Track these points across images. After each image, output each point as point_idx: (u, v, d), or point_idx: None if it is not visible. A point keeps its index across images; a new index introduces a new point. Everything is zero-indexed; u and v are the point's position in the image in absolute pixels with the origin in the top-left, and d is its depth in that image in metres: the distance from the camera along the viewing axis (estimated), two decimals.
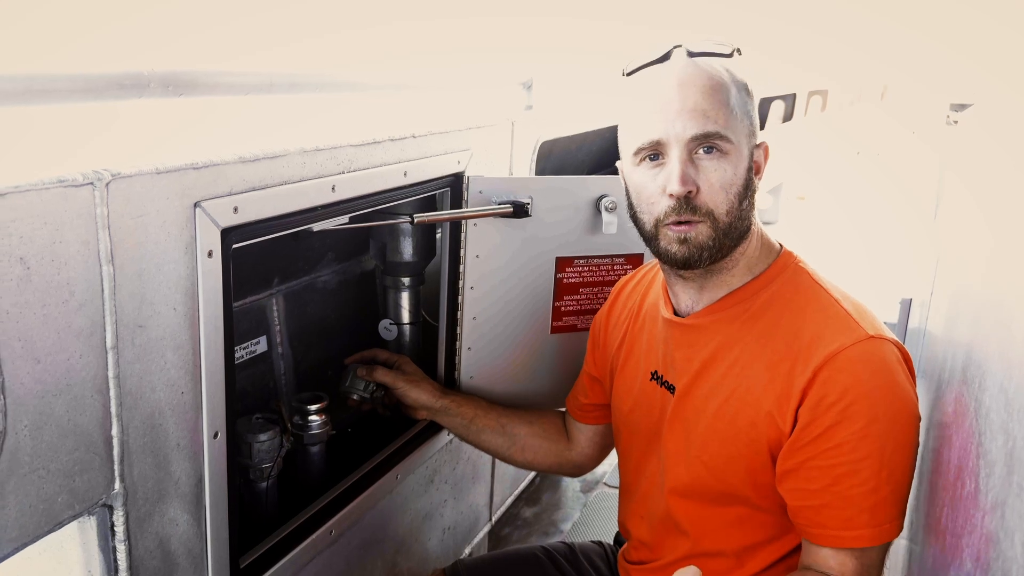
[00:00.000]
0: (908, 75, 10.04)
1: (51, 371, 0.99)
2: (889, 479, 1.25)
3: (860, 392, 1.24)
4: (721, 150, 1.28)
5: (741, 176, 1.31)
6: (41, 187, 0.94)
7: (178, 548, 1.25)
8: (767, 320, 1.36)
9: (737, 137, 1.30)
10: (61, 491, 1.03)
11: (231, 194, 1.21)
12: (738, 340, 1.37)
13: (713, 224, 1.29)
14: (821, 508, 1.29)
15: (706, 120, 1.27)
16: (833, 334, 1.28)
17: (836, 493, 1.27)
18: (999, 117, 1.78)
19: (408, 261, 1.99)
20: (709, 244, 1.30)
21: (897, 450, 1.25)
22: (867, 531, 1.26)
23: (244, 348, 1.87)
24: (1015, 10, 1.92)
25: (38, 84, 1.03)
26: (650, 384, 1.52)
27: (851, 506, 1.26)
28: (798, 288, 1.37)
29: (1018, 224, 1.18)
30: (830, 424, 1.25)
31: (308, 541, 1.56)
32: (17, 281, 0.93)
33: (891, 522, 1.27)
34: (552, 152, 2.38)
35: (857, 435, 1.24)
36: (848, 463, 1.25)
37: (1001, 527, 0.79)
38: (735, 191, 1.30)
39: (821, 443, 1.26)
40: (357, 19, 1.66)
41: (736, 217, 1.31)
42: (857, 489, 1.25)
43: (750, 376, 1.34)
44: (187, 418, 1.22)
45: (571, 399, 1.82)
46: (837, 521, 1.28)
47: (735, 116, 1.30)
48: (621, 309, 1.67)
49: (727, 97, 1.30)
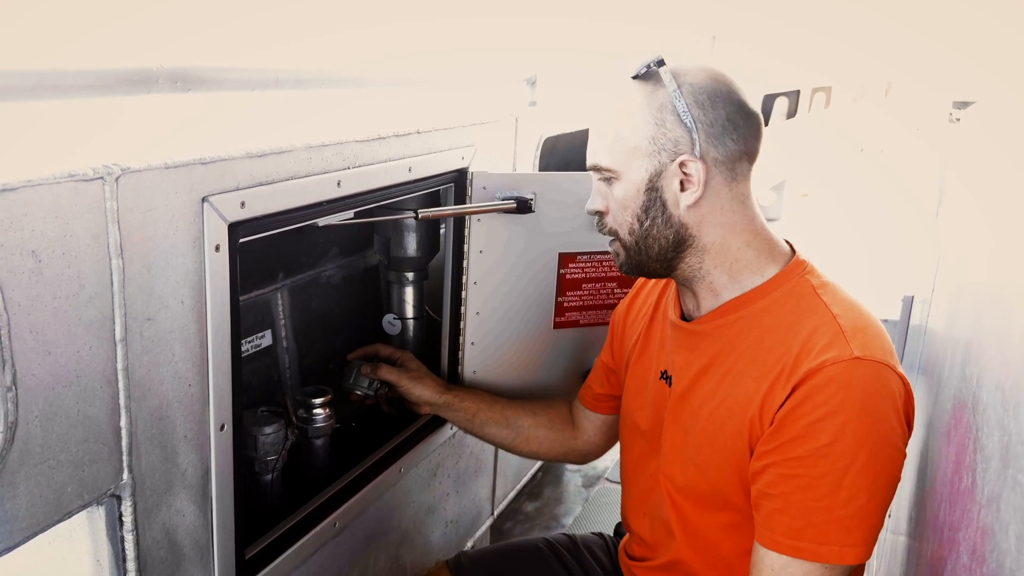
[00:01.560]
0: (910, 73, 10.03)
1: (61, 363, 1.01)
2: (847, 502, 1.22)
3: (829, 410, 1.22)
4: (609, 179, 1.40)
5: (633, 197, 1.37)
6: (52, 181, 0.96)
7: (185, 538, 1.26)
8: (762, 330, 1.36)
9: (623, 163, 1.37)
10: (71, 481, 1.05)
11: (238, 189, 1.22)
12: (734, 348, 1.38)
13: (621, 243, 1.43)
14: (773, 512, 1.28)
15: (592, 155, 1.42)
16: (820, 350, 1.26)
17: (791, 502, 1.25)
18: (1000, 115, 1.79)
19: (412, 256, 2.00)
20: (625, 260, 1.44)
21: (862, 475, 1.22)
22: (812, 546, 1.24)
23: (249, 342, 1.88)
24: (1016, 9, 1.93)
25: (48, 80, 1.05)
26: (659, 383, 1.53)
27: (801, 517, 1.25)
28: (799, 300, 1.36)
29: (1018, 223, 1.19)
30: (794, 435, 1.25)
31: (312, 533, 1.57)
32: (29, 274, 0.95)
33: (843, 546, 1.23)
34: (556, 148, 2.39)
35: (818, 452, 1.22)
36: (806, 476, 1.24)
37: (996, 520, 0.80)
38: (630, 212, 1.38)
39: (784, 451, 1.26)
40: (364, 17, 1.68)
41: (639, 236, 1.39)
42: (812, 503, 1.24)
43: (740, 385, 1.35)
44: (194, 410, 1.23)
45: (587, 387, 1.83)
46: (783, 527, 1.26)
47: (622, 143, 1.36)
48: (641, 304, 1.68)
49: (613, 126, 1.38)
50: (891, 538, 2.13)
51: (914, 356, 2.64)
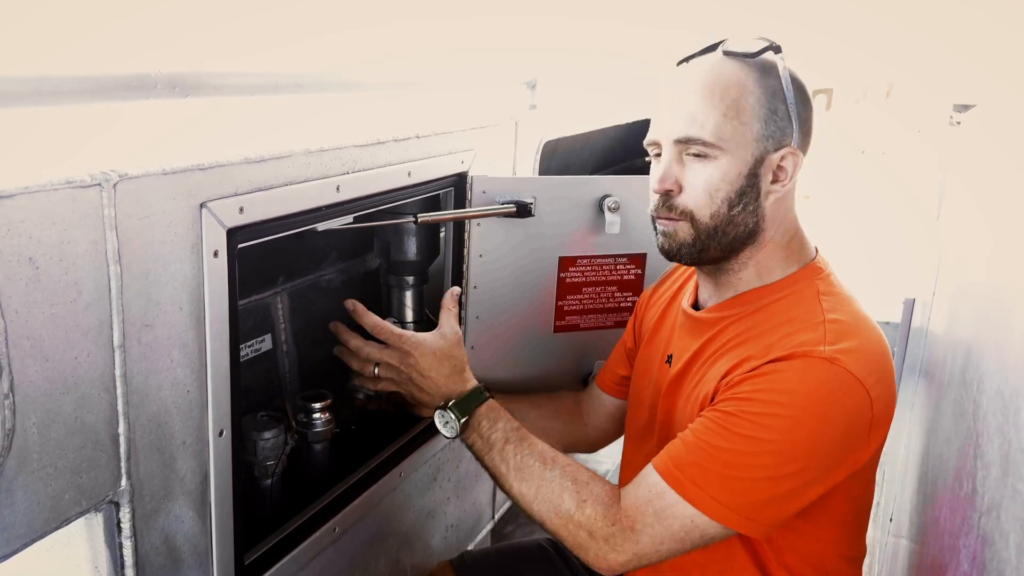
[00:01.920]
0: (911, 75, 10.02)
1: (59, 369, 1.00)
2: (744, 468, 1.22)
3: (777, 389, 1.24)
4: (705, 155, 1.32)
5: (732, 181, 1.32)
6: (49, 188, 0.95)
7: (183, 544, 1.26)
8: (753, 322, 1.37)
9: (732, 142, 1.31)
10: (68, 488, 1.05)
11: (237, 194, 1.22)
12: (723, 336, 1.40)
13: (693, 225, 1.35)
14: (678, 441, 1.30)
15: (691, 124, 1.31)
16: (796, 344, 1.27)
17: (695, 440, 1.27)
18: (1002, 118, 1.79)
19: (412, 260, 2.00)
20: (688, 242, 1.37)
21: (774, 457, 1.22)
22: (684, 480, 1.24)
23: (249, 346, 1.88)
24: (1018, 11, 1.93)
25: (46, 85, 1.05)
26: (664, 367, 1.55)
27: (693, 454, 1.25)
28: (798, 302, 1.37)
29: (1018, 226, 1.18)
30: (735, 395, 1.27)
31: (312, 538, 1.57)
32: (26, 281, 0.95)
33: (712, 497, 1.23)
34: (556, 151, 2.39)
35: (747, 415, 1.23)
36: (724, 429, 1.25)
37: (996, 528, 0.80)
38: (721, 196, 1.33)
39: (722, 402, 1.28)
40: (362, 19, 1.68)
41: (724, 221, 1.34)
42: (712, 451, 1.24)
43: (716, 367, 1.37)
44: (193, 416, 1.23)
45: (606, 371, 1.84)
46: (673, 453, 1.28)
47: (737, 120, 1.31)
48: (665, 291, 1.70)
49: (733, 100, 1.31)
50: (892, 540, 2.13)
51: (915, 359, 2.64)
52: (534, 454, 1.39)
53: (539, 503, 1.35)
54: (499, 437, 1.43)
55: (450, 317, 1.59)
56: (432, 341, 1.55)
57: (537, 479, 1.36)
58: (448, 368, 1.52)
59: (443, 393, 1.50)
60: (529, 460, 1.38)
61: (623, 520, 1.29)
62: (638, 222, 1.92)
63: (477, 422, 1.46)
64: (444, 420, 1.48)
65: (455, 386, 1.50)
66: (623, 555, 1.29)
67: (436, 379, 1.51)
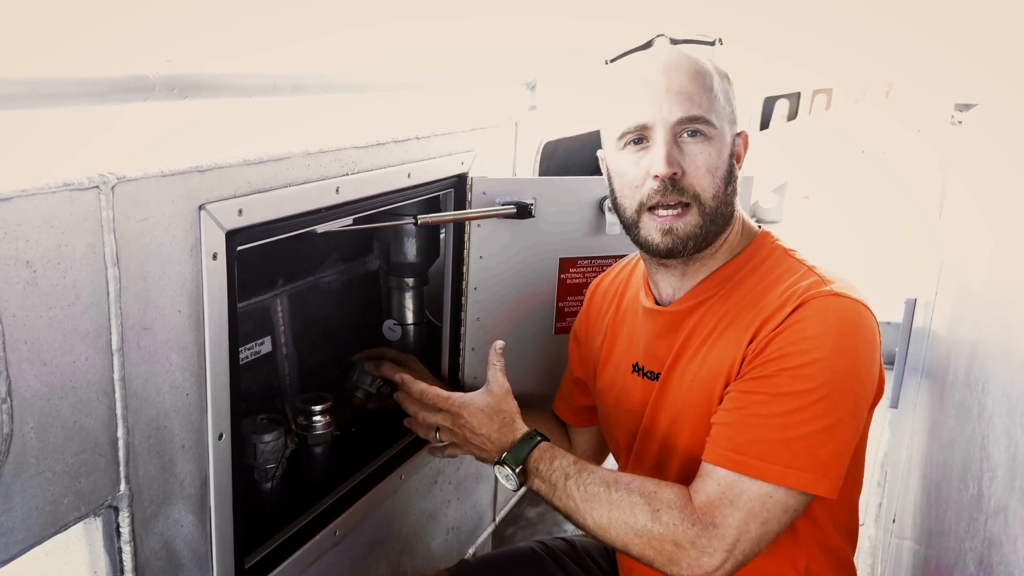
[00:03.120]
0: (912, 75, 10.02)
1: (57, 373, 1.00)
2: (802, 424, 1.21)
3: (804, 335, 1.24)
4: (705, 134, 1.32)
5: (725, 161, 1.34)
6: (47, 191, 0.95)
7: (183, 549, 1.25)
8: (740, 294, 1.38)
9: (720, 123, 1.33)
10: (67, 493, 1.04)
11: (235, 196, 1.21)
12: (712, 317, 1.40)
13: (700, 209, 1.33)
14: (722, 427, 1.28)
15: (691, 103, 1.30)
16: (803, 291, 1.29)
17: (740, 417, 1.25)
18: (1002, 118, 1.78)
19: (412, 262, 1.99)
20: (696, 233, 1.33)
21: (824, 403, 1.21)
22: (751, 460, 1.22)
23: (249, 348, 1.87)
24: (1018, 11, 1.92)
25: (44, 87, 1.04)
26: (632, 377, 1.54)
27: (748, 432, 1.23)
28: (775, 262, 1.40)
29: (1020, 225, 1.18)
30: (767, 358, 1.26)
31: (312, 541, 1.56)
32: (24, 284, 0.94)
33: (787, 467, 1.20)
34: (556, 152, 2.38)
35: (787, 371, 1.23)
36: (767, 394, 1.24)
37: (1004, 531, 0.79)
38: (720, 175, 1.34)
39: (756, 371, 1.27)
40: (360, 20, 1.67)
41: (722, 202, 1.35)
42: (763, 421, 1.23)
43: (722, 345, 1.36)
44: (192, 420, 1.22)
45: (561, 403, 1.83)
46: (727, 440, 1.25)
47: (718, 102, 1.34)
48: (599, 306, 1.69)
49: (710, 83, 1.34)
50: (895, 542, 2.12)
51: (917, 359, 2.63)
52: (596, 481, 1.32)
53: (615, 528, 1.28)
54: (559, 476, 1.36)
55: (496, 372, 1.52)
56: (479, 399, 1.50)
57: (606, 504, 1.29)
58: (498, 422, 1.47)
59: (497, 447, 1.45)
60: (593, 488, 1.32)
61: (702, 518, 1.22)
62: None
63: (534, 467, 1.39)
64: (503, 473, 1.42)
65: (506, 438, 1.45)
66: (716, 555, 1.21)
67: (488, 435, 1.46)
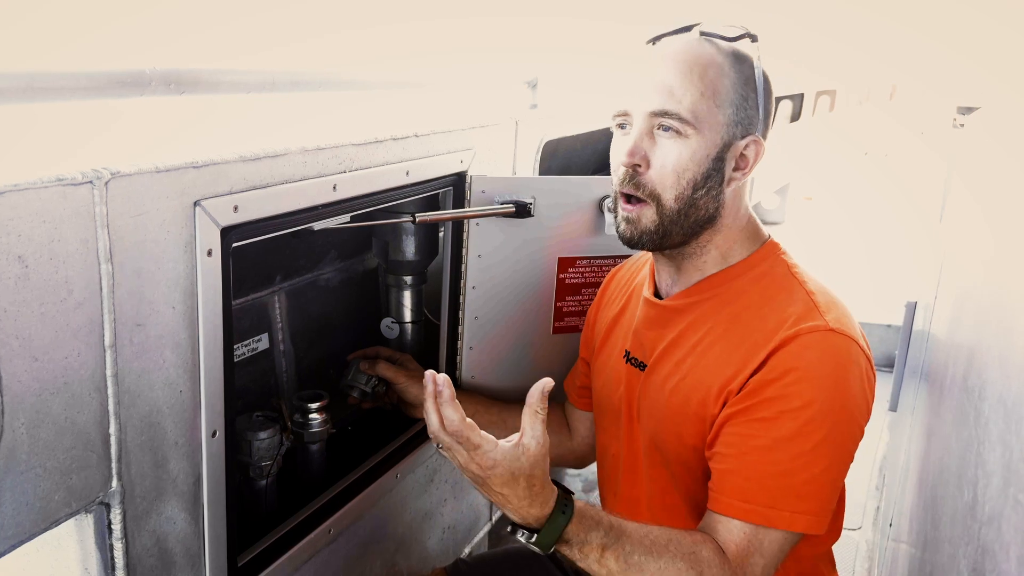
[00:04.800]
0: (916, 77, 10.01)
1: (49, 369, 0.99)
2: (806, 467, 1.22)
3: (802, 376, 1.23)
4: (679, 132, 1.29)
5: (700, 163, 1.31)
6: (40, 185, 0.94)
7: (175, 546, 1.25)
8: (737, 306, 1.37)
9: (705, 123, 1.30)
10: (58, 489, 1.03)
11: (231, 193, 1.21)
12: (704, 323, 1.39)
13: (658, 208, 1.32)
14: (726, 473, 1.27)
15: (668, 98, 1.28)
16: (795, 320, 1.28)
17: (745, 463, 1.25)
18: (1005, 120, 1.77)
19: (410, 260, 1.99)
20: (651, 229, 1.34)
21: (824, 444, 1.22)
22: (762, 509, 1.23)
23: (245, 345, 1.87)
24: (1021, 14, 1.91)
25: (39, 82, 1.03)
26: (622, 363, 1.54)
27: (755, 480, 1.24)
28: (773, 278, 1.38)
29: (1021, 229, 1.17)
30: (767, 397, 1.25)
31: (307, 539, 1.56)
32: (15, 279, 0.93)
33: (793, 513, 1.22)
34: (557, 151, 2.38)
35: (786, 414, 1.23)
36: (767, 438, 1.24)
37: (997, 540, 0.79)
38: (688, 177, 1.31)
39: (752, 412, 1.26)
40: (361, 17, 1.67)
41: (687, 204, 1.32)
42: (768, 467, 1.23)
43: (709, 357, 1.35)
44: (185, 417, 1.22)
45: (570, 381, 1.84)
46: (735, 489, 1.26)
47: (712, 102, 1.30)
48: (612, 294, 1.70)
49: (710, 81, 1.30)
50: (892, 545, 2.12)
51: (916, 362, 2.63)
52: (636, 549, 1.24)
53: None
54: (594, 547, 1.25)
55: (536, 423, 1.23)
56: (510, 460, 1.23)
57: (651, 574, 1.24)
58: (523, 487, 1.24)
59: (520, 515, 1.26)
60: (633, 557, 1.24)
61: (738, 571, 1.25)
62: None
63: (567, 546, 1.27)
64: (526, 540, 1.27)
65: (534, 509, 1.25)
66: None
67: (511, 498, 1.25)
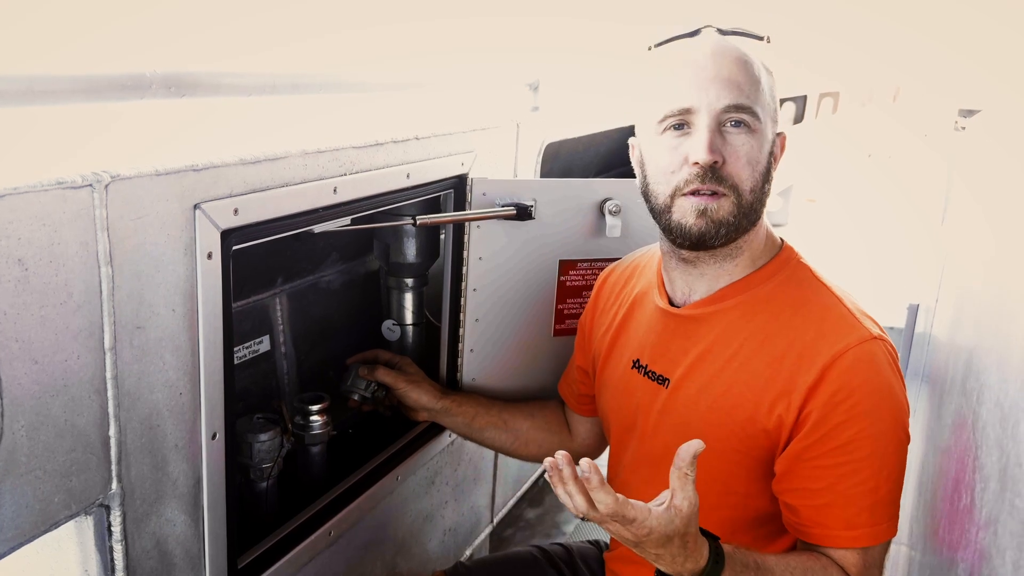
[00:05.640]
0: (919, 79, 9.99)
1: (49, 372, 0.99)
2: (888, 478, 1.26)
3: (865, 392, 1.25)
4: (749, 126, 1.29)
5: (765, 156, 1.32)
6: (40, 189, 0.95)
7: (175, 548, 1.25)
8: (768, 314, 1.35)
9: (764, 116, 1.31)
10: (58, 491, 1.04)
11: (231, 196, 1.21)
12: (737, 333, 1.37)
13: (737, 199, 1.29)
14: (823, 508, 1.28)
15: (739, 92, 1.27)
16: (838, 334, 1.28)
17: (839, 492, 1.27)
18: (1007, 123, 1.77)
19: (411, 262, 1.99)
20: (729, 220, 1.29)
21: (891, 447, 1.26)
22: (868, 530, 1.27)
23: (247, 347, 1.87)
24: (1022, 17, 1.91)
25: (40, 85, 1.04)
26: (631, 373, 1.51)
27: (852, 505, 1.26)
28: (800, 284, 1.37)
29: (1020, 232, 1.17)
30: (838, 422, 1.25)
31: (307, 542, 1.56)
32: (15, 282, 0.94)
33: (889, 521, 1.28)
34: (559, 154, 2.38)
35: (862, 434, 1.25)
36: (852, 462, 1.25)
37: (994, 544, 0.79)
38: (760, 169, 1.31)
39: (827, 442, 1.26)
40: (361, 19, 1.66)
41: (758, 197, 1.32)
42: (858, 488, 1.26)
43: (749, 371, 1.34)
44: (185, 419, 1.22)
45: (565, 386, 1.82)
46: (839, 521, 1.27)
47: (763, 96, 1.32)
48: (607, 299, 1.67)
49: (758, 75, 1.32)
50: (892, 547, 2.11)
51: (918, 365, 2.62)
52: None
53: None
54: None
55: (687, 484, 1.16)
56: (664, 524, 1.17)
57: None
58: (678, 546, 1.21)
59: (675, 571, 1.24)
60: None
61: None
62: (639, 226, 1.90)
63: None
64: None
65: (688, 564, 1.22)
66: None
67: (665, 556, 1.22)
